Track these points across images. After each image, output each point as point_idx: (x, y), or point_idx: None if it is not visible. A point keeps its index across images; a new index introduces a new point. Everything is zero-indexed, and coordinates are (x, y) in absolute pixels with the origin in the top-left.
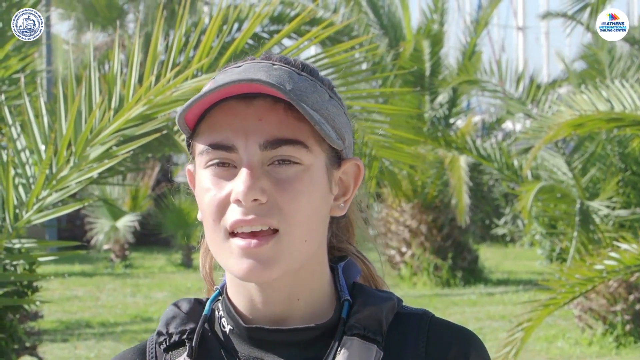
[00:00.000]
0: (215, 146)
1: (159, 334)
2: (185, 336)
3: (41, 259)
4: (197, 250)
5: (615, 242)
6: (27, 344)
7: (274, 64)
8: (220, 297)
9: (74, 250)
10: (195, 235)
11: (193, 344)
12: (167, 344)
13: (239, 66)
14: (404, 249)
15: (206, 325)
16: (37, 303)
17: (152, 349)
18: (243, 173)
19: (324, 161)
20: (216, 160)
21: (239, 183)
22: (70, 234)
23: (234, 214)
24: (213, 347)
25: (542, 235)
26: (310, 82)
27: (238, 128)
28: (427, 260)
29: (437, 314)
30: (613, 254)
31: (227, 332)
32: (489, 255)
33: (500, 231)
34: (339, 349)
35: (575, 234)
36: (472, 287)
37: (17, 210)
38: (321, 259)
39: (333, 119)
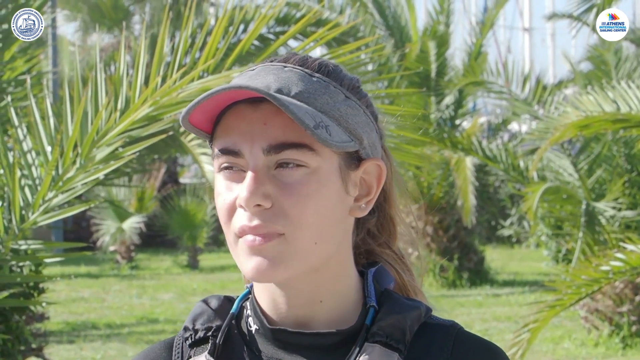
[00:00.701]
0: (224, 151)
1: (186, 329)
2: (210, 333)
3: (47, 261)
4: (204, 251)
5: (621, 243)
6: (33, 346)
7: (285, 66)
8: (249, 296)
9: (80, 251)
10: (201, 237)
11: (217, 341)
12: (193, 339)
13: (253, 69)
14: (409, 250)
15: (234, 322)
16: (43, 304)
17: (179, 344)
18: (247, 178)
19: (337, 162)
20: (226, 164)
21: (243, 188)
22: (76, 236)
23: (241, 219)
24: (237, 346)
25: (548, 236)
26: (323, 84)
27: (244, 132)
28: (433, 262)
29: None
30: (619, 255)
31: (253, 331)
32: (495, 257)
33: (506, 232)
34: (360, 355)
35: (581, 235)
36: (478, 288)
37: (23, 212)
38: (343, 261)
39: (346, 119)
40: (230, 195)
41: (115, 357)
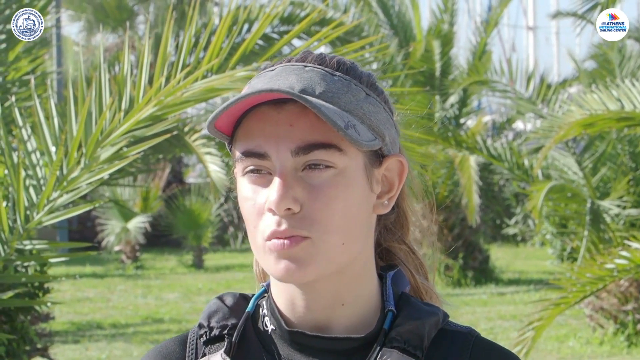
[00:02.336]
0: (248, 154)
1: (200, 326)
2: (226, 331)
3: (52, 261)
4: (209, 251)
5: (626, 241)
6: (39, 346)
7: (306, 66)
8: (265, 295)
9: (85, 251)
10: (206, 236)
11: (233, 339)
12: (208, 337)
13: (273, 69)
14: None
15: (249, 321)
16: (48, 304)
17: (192, 340)
18: (276, 182)
19: (363, 161)
20: (251, 167)
21: (272, 192)
22: (81, 236)
23: (269, 223)
24: (253, 345)
25: (553, 234)
26: (344, 82)
27: (270, 135)
28: (438, 260)
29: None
30: (624, 253)
31: (270, 331)
32: (499, 255)
33: (511, 231)
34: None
35: (586, 233)
36: (483, 286)
37: (28, 212)
38: (366, 262)
39: (369, 117)
40: (258, 199)
41: (120, 357)
